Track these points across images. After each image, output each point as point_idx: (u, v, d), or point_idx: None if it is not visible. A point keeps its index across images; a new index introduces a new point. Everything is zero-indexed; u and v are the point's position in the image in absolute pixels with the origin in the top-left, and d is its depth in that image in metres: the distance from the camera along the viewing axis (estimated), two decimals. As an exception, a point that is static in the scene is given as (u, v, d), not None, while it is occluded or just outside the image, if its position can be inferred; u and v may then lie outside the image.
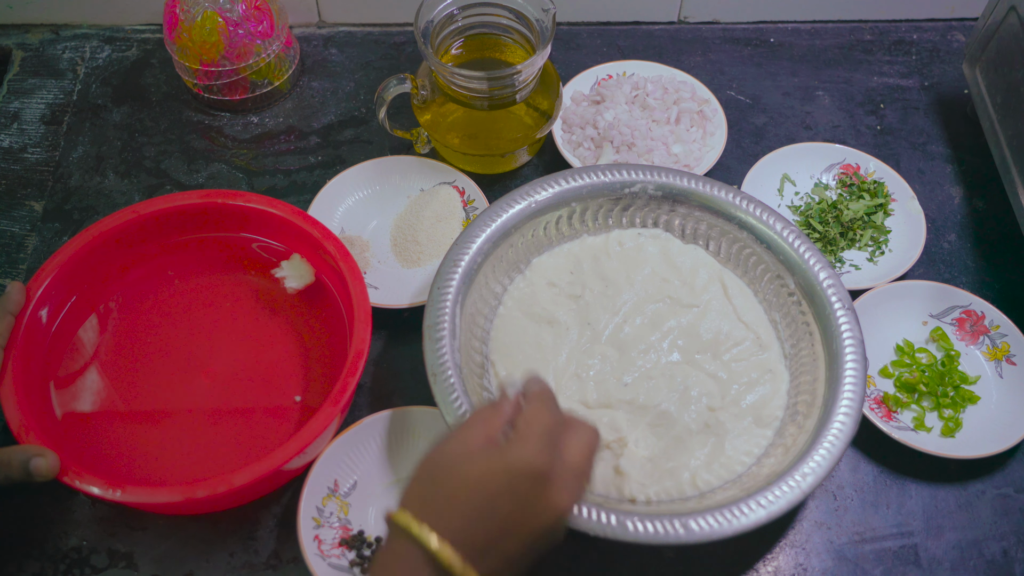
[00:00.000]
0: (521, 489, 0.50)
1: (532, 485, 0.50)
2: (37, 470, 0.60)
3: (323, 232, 0.75)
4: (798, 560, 0.71)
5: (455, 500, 0.49)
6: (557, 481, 0.51)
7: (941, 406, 0.76)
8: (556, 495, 0.51)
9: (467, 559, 0.48)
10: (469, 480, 0.50)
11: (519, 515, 0.50)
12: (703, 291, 0.77)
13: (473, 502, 0.49)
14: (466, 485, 0.50)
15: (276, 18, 0.90)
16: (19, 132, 0.92)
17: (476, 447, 0.51)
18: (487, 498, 0.49)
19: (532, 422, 0.53)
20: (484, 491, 0.49)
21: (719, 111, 0.91)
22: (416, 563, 0.48)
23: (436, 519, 0.49)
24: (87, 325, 0.76)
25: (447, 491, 0.50)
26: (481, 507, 0.49)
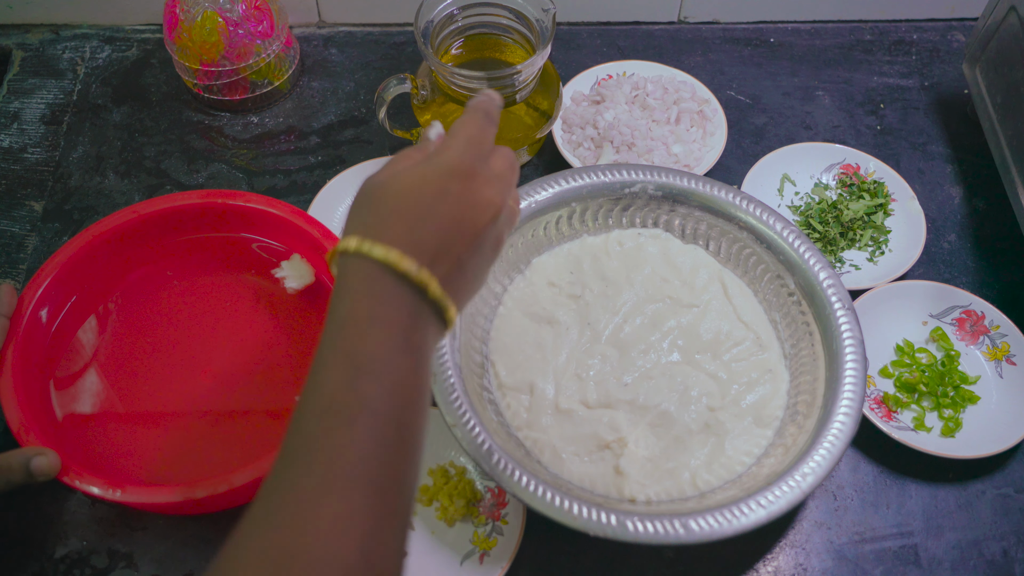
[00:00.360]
0: (453, 188, 0.51)
1: (462, 182, 0.51)
2: (38, 469, 0.60)
3: (323, 232, 0.75)
4: (798, 560, 0.71)
5: (395, 211, 0.50)
6: (483, 178, 0.52)
7: (941, 406, 0.76)
8: (487, 190, 0.52)
9: (421, 264, 0.48)
10: (404, 190, 0.50)
11: (457, 213, 0.51)
12: (703, 291, 0.77)
13: (412, 208, 0.50)
14: (402, 195, 0.50)
15: (276, 18, 0.90)
16: (19, 132, 0.92)
17: (404, 167, 0.52)
18: (424, 202, 0.50)
19: (459, 129, 0.54)
20: (420, 196, 0.50)
21: (719, 111, 0.91)
22: (372, 280, 0.48)
23: (380, 233, 0.49)
24: (87, 325, 0.76)
25: (385, 207, 0.50)
26: (420, 211, 0.50)
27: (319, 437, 0.44)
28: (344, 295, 0.48)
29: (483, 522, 0.69)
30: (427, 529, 0.69)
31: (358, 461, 0.43)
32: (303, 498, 0.42)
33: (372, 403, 0.45)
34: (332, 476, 0.43)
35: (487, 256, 0.54)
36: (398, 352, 0.47)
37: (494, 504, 0.70)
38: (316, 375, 0.47)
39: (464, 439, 0.64)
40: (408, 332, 0.48)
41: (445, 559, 0.68)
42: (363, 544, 0.42)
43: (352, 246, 0.48)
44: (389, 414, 0.45)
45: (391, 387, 0.46)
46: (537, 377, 0.72)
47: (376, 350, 0.46)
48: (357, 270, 0.48)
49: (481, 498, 0.70)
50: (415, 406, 0.47)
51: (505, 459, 0.64)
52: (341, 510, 0.42)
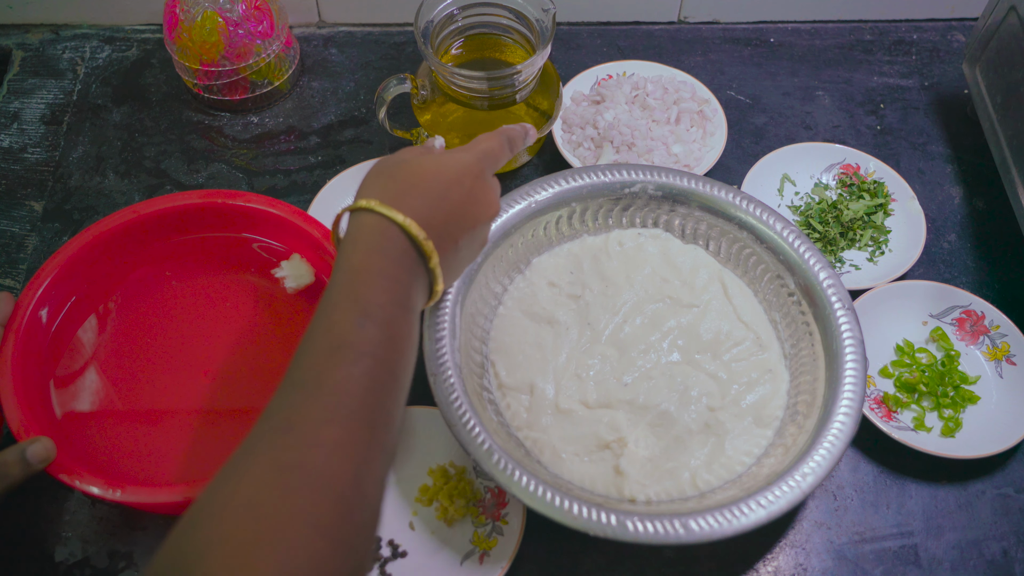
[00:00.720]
0: (467, 182, 0.58)
1: (474, 181, 0.59)
2: (34, 457, 0.60)
3: (323, 232, 0.75)
4: (798, 560, 0.71)
5: (414, 187, 0.56)
6: (489, 183, 0.61)
7: (941, 406, 0.76)
8: (491, 193, 0.61)
9: (428, 236, 0.55)
10: (426, 172, 0.57)
11: (464, 204, 0.58)
12: (703, 291, 0.77)
13: (429, 188, 0.57)
14: (424, 176, 0.57)
15: (276, 18, 0.90)
16: (19, 132, 0.92)
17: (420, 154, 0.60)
18: (441, 186, 0.57)
19: (483, 140, 0.63)
20: (439, 181, 0.57)
21: (719, 111, 0.91)
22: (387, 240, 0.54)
23: (400, 202, 0.55)
24: (87, 325, 0.76)
25: (406, 181, 0.57)
26: (437, 193, 0.57)
27: (328, 370, 0.49)
28: (359, 246, 0.54)
29: (483, 522, 0.69)
30: (427, 529, 0.69)
31: (358, 396, 0.49)
32: (310, 422, 0.47)
33: (374, 347, 0.50)
34: (336, 406, 0.47)
35: (474, 250, 0.62)
36: (399, 307, 0.53)
37: (494, 504, 0.70)
38: (327, 314, 0.52)
39: (464, 439, 0.64)
40: (408, 290, 0.54)
41: (445, 559, 0.68)
42: (357, 469, 0.46)
43: (374, 206, 0.55)
44: (387, 359, 0.51)
45: (391, 335, 0.52)
46: (537, 377, 0.72)
47: (383, 300, 0.52)
48: (374, 228, 0.54)
49: (481, 498, 0.70)
50: (407, 356, 0.53)
51: (505, 459, 0.64)
52: (342, 437, 0.47)
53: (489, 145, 0.62)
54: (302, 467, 0.45)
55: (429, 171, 0.58)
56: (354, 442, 0.47)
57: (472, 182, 0.59)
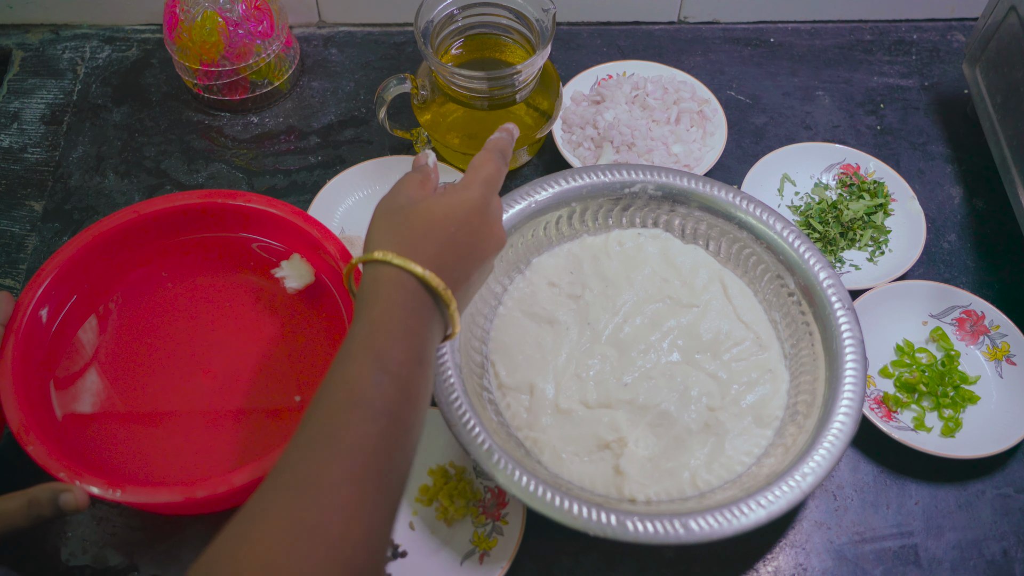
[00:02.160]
0: (474, 221, 0.59)
1: (481, 218, 0.60)
2: (66, 505, 0.61)
3: (323, 232, 0.75)
4: (798, 560, 0.71)
5: (427, 235, 0.57)
6: (494, 215, 0.62)
7: (941, 406, 0.76)
8: (496, 226, 0.62)
9: (447, 284, 0.56)
10: (435, 217, 0.58)
11: (473, 242, 0.59)
12: (703, 291, 0.77)
13: (441, 234, 0.58)
14: (434, 221, 0.58)
15: (276, 18, 0.90)
16: (19, 132, 0.92)
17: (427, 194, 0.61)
18: (452, 229, 0.58)
19: (481, 166, 0.63)
20: (448, 224, 0.58)
21: (719, 111, 0.91)
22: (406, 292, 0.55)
23: (415, 252, 0.56)
24: (87, 325, 0.76)
25: (418, 229, 0.58)
26: (448, 237, 0.58)
27: (344, 427, 0.49)
28: (378, 299, 0.55)
29: (483, 522, 0.69)
30: (427, 529, 0.69)
31: (373, 456, 0.49)
32: (325, 482, 0.47)
33: (391, 405, 0.51)
34: (352, 467, 0.48)
35: (483, 280, 0.63)
36: (417, 362, 0.54)
37: (494, 504, 0.70)
38: (345, 367, 0.52)
39: (464, 439, 0.64)
40: (425, 343, 0.55)
41: (445, 559, 0.68)
42: (369, 531, 0.47)
43: (391, 259, 0.55)
44: (402, 417, 0.52)
45: (408, 393, 0.52)
46: (537, 377, 0.72)
47: (401, 356, 0.53)
48: (392, 280, 0.55)
49: (481, 498, 0.70)
50: (420, 412, 0.54)
51: (505, 459, 0.64)
52: (355, 498, 0.47)
53: (487, 172, 0.62)
54: (316, 530, 0.45)
55: (438, 215, 0.58)
56: (367, 503, 0.48)
57: (480, 219, 0.60)
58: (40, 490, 0.60)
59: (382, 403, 0.51)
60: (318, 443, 0.49)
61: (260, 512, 0.47)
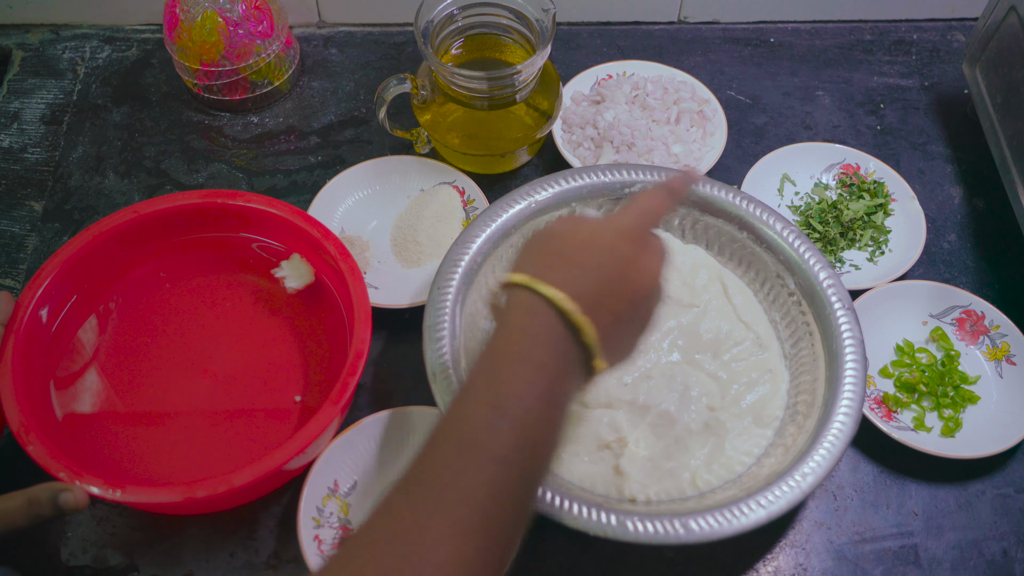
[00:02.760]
0: (624, 248, 0.54)
1: (632, 246, 0.55)
2: (66, 505, 0.60)
3: (323, 232, 0.75)
4: (798, 560, 0.71)
5: (564, 257, 0.53)
6: (651, 248, 0.56)
7: (941, 406, 0.76)
8: (652, 259, 0.56)
9: (583, 308, 0.51)
10: (578, 241, 0.54)
11: (622, 271, 0.54)
12: (703, 291, 0.77)
13: (584, 259, 0.53)
14: (575, 245, 0.54)
15: (276, 18, 0.90)
16: (19, 132, 0.92)
17: (577, 223, 0.56)
18: (595, 254, 0.53)
19: (642, 198, 0.58)
20: (593, 249, 0.54)
21: (719, 111, 0.91)
22: (532, 316, 0.51)
23: (552, 275, 0.52)
24: (87, 325, 0.76)
25: (558, 253, 0.54)
26: (591, 263, 0.53)
27: (453, 472, 0.46)
28: (506, 328, 0.52)
29: (483, 522, 0.69)
30: (427, 529, 0.69)
31: (481, 507, 0.45)
32: (427, 535, 0.44)
33: (507, 451, 0.47)
34: (457, 519, 0.45)
35: (640, 324, 0.57)
36: (542, 400, 0.49)
37: (494, 504, 0.70)
38: (464, 402, 0.49)
39: (464, 439, 0.64)
40: (554, 379, 0.50)
41: (445, 559, 0.68)
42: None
43: (520, 279, 0.52)
44: (520, 464, 0.47)
45: (528, 437, 0.48)
46: (537, 377, 0.72)
47: (523, 392, 0.49)
48: (522, 305, 0.52)
49: (481, 498, 0.70)
50: (544, 459, 0.50)
51: (505, 459, 0.64)
52: (458, 556, 0.44)
53: (648, 204, 0.57)
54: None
55: (581, 239, 0.54)
56: (468, 561, 0.44)
57: (629, 247, 0.54)
58: (40, 489, 0.60)
59: (497, 447, 0.46)
60: (422, 489, 0.46)
61: (355, 556, 0.45)
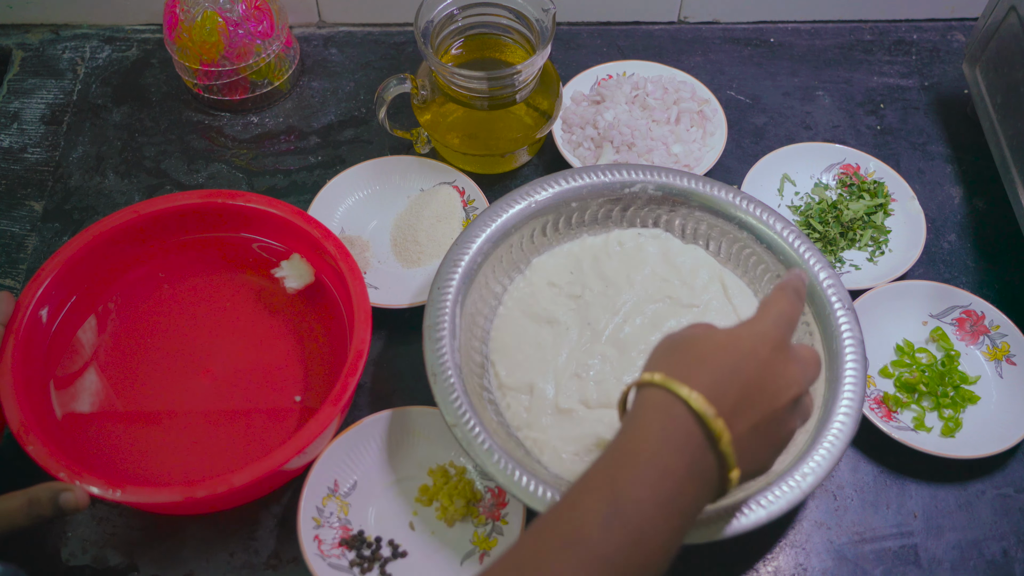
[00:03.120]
0: (763, 353, 0.52)
1: (772, 351, 0.52)
2: (66, 505, 0.60)
3: (323, 232, 0.75)
4: (798, 560, 0.71)
5: (703, 359, 0.51)
6: (791, 354, 0.54)
7: (941, 406, 0.76)
8: (793, 367, 0.53)
9: (719, 413, 0.49)
10: (715, 344, 0.52)
11: (762, 378, 0.51)
12: (703, 291, 0.77)
13: (721, 361, 0.51)
14: (713, 348, 0.52)
15: (276, 18, 0.90)
16: (19, 132, 0.92)
17: (711, 327, 0.54)
18: (734, 358, 0.51)
19: (773, 303, 0.56)
20: (730, 352, 0.51)
21: (719, 111, 0.91)
22: (666, 417, 0.49)
23: (689, 376, 0.50)
24: (87, 325, 0.76)
25: (695, 354, 0.52)
26: (729, 366, 0.51)
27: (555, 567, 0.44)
28: (634, 425, 0.50)
29: (483, 522, 0.69)
30: (427, 529, 0.69)
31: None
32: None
33: (616, 553, 0.44)
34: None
35: (779, 435, 0.54)
36: (663, 507, 0.47)
37: (494, 504, 0.70)
38: (577, 495, 0.47)
39: (464, 439, 0.64)
40: (681, 486, 0.48)
41: (445, 559, 0.68)
42: None
43: (656, 379, 0.50)
44: (629, 569, 0.45)
45: (641, 543, 0.46)
46: (537, 377, 0.72)
47: (643, 495, 0.46)
48: (655, 404, 0.50)
49: (481, 498, 0.70)
50: (656, 569, 0.47)
51: (505, 459, 0.64)
52: None
53: (781, 308, 0.55)
54: None
55: (720, 343, 0.52)
56: None
57: (770, 353, 0.52)
58: (40, 489, 0.60)
59: (605, 548, 0.44)
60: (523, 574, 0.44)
61: None
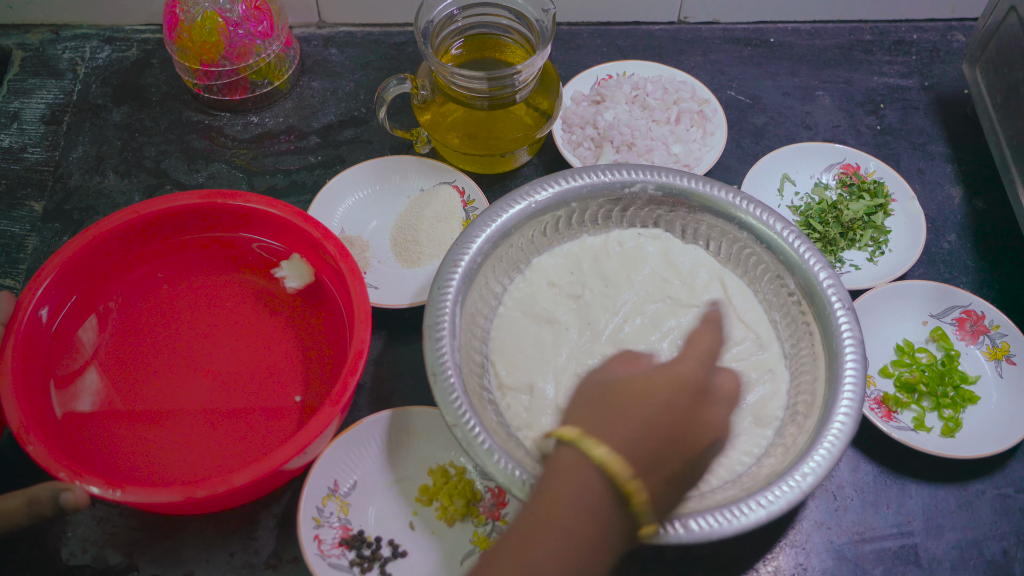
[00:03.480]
0: (682, 402, 0.50)
1: (692, 398, 0.50)
2: (66, 505, 0.60)
3: (323, 232, 0.75)
4: (798, 560, 0.71)
5: (621, 412, 0.49)
6: (713, 399, 0.52)
7: (941, 406, 0.76)
8: (713, 412, 0.51)
9: (636, 473, 0.47)
10: (633, 393, 0.50)
11: (681, 428, 0.50)
12: (703, 291, 0.77)
13: (639, 413, 0.49)
14: (631, 398, 0.50)
15: (276, 18, 0.90)
16: (19, 132, 0.92)
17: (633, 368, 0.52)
18: (652, 410, 0.49)
19: (695, 341, 0.53)
20: (649, 403, 0.49)
21: (719, 111, 0.91)
22: (577, 481, 0.47)
23: (603, 430, 0.48)
24: (87, 325, 0.76)
25: (613, 405, 0.50)
26: (647, 418, 0.49)
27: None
28: (546, 491, 0.48)
29: (483, 522, 0.69)
30: (427, 529, 0.69)
31: None
32: None
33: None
34: None
35: (694, 480, 0.53)
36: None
37: (494, 504, 0.70)
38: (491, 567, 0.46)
39: (464, 439, 0.64)
40: (590, 553, 0.47)
41: (445, 559, 0.68)
42: None
43: (572, 436, 0.49)
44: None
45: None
46: (537, 377, 0.72)
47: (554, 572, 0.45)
48: (567, 464, 0.48)
49: (481, 498, 0.70)
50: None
51: (505, 459, 0.64)
52: None
53: (705, 345, 0.53)
54: None
55: (639, 390, 0.50)
56: None
57: (689, 401, 0.50)
58: (40, 489, 0.60)
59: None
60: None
61: None
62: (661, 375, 0.51)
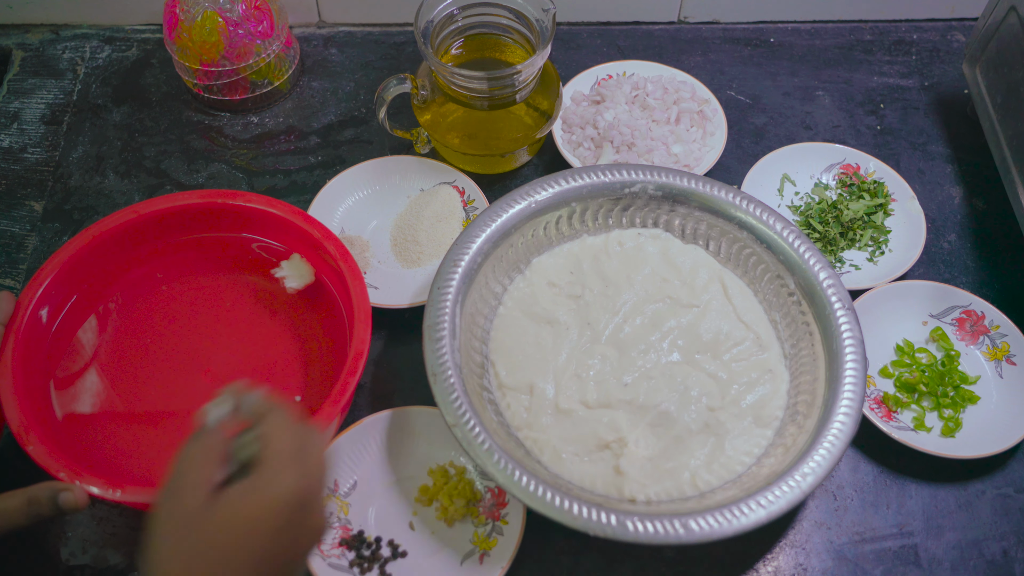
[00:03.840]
0: (295, 519, 0.46)
1: (302, 511, 0.47)
2: (66, 504, 0.60)
3: (323, 232, 0.75)
4: (798, 560, 0.71)
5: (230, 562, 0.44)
6: (318, 499, 0.49)
7: (941, 406, 0.76)
8: (319, 514, 0.49)
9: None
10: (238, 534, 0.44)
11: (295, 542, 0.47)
12: (703, 291, 0.77)
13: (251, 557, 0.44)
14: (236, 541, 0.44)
15: (276, 18, 0.90)
16: (19, 132, 0.92)
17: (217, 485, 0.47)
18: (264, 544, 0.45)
19: (280, 449, 0.48)
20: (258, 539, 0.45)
21: (719, 111, 0.91)
22: None
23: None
24: (87, 325, 0.76)
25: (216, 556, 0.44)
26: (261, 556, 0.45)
27: None
28: None
29: (483, 522, 0.69)
30: (427, 529, 0.69)
31: None
32: None
33: None
34: None
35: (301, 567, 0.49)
36: None
37: (494, 504, 0.70)
38: None
39: (464, 439, 0.64)
40: None
41: (445, 559, 0.68)
42: None
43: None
44: None
45: None
46: (537, 377, 0.72)
47: None
48: None
49: (481, 498, 0.70)
50: None
51: (505, 459, 0.64)
52: None
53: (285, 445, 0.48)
54: None
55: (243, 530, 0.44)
56: None
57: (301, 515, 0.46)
58: (40, 488, 0.60)
59: None
60: None
61: None
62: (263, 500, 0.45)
